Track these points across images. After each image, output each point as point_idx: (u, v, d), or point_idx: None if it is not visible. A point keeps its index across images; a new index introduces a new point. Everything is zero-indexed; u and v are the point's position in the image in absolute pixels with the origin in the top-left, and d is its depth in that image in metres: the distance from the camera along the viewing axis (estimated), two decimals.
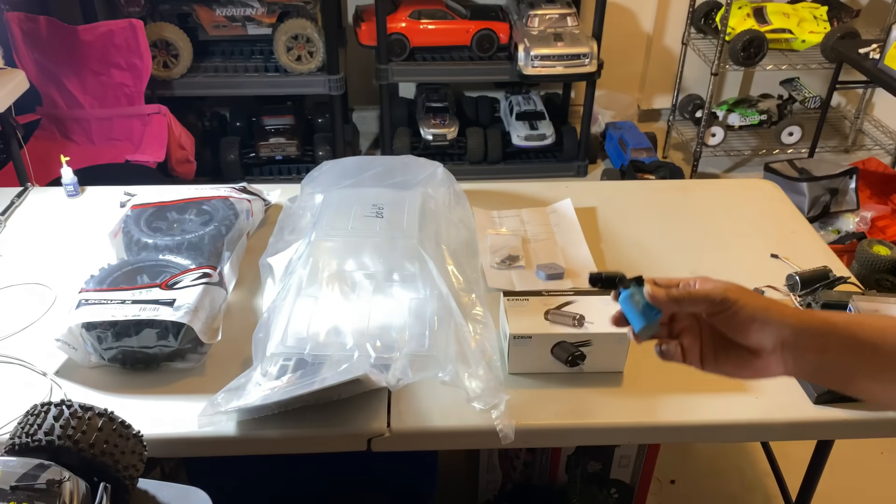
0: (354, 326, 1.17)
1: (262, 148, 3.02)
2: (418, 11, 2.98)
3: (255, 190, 1.61)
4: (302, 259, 1.25)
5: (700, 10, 3.28)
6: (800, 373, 0.73)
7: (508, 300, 1.20)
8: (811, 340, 0.69)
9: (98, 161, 2.51)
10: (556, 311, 1.18)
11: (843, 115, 3.74)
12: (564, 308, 1.19)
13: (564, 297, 1.21)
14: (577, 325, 1.16)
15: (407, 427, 1.10)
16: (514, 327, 1.15)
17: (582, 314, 1.17)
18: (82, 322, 1.13)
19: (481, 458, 1.58)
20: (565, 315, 1.17)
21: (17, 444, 0.84)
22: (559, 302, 1.20)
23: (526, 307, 1.19)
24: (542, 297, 1.21)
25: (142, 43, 2.56)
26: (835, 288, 1.34)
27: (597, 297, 1.19)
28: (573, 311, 1.18)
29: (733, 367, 0.75)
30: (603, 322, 1.16)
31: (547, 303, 1.19)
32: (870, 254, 2.31)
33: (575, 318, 1.16)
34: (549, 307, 1.18)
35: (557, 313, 1.18)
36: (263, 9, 2.83)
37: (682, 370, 1.18)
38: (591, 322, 1.16)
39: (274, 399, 1.05)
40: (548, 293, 1.22)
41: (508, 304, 1.19)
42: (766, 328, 0.70)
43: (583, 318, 1.16)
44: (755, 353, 0.72)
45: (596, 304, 1.19)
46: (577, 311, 1.18)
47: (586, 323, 1.16)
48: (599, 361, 1.16)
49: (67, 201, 1.65)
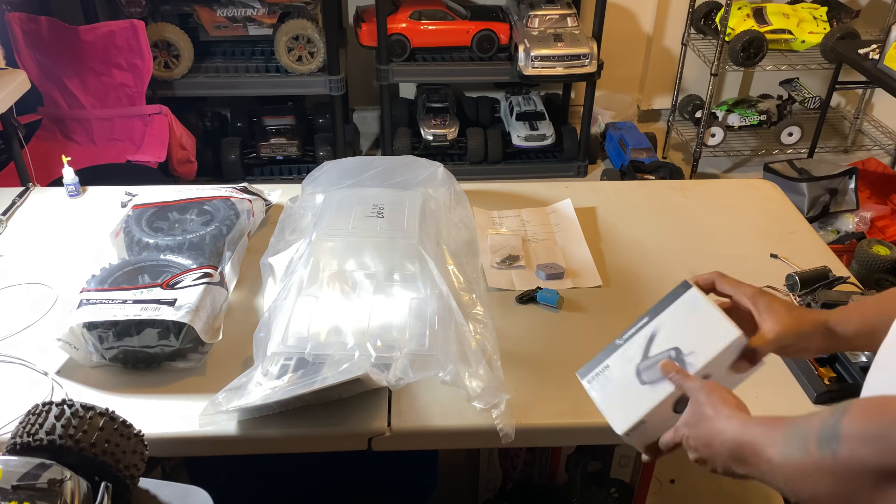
0: (355, 326, 1.17)
1: (262, 148, 3.02)
2: (419, 12, 2.98)
3: (256, 190, 1.61)
4: (303, 259, 1.26)
5: (700, 11, 3.28)
6: (826, 350, 0.94)
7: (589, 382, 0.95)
8: (849, 341, 0.89)
9: (99, 161, 2.52)
10: (648, 364, 0.90)
11: (843, 115, 3.74)
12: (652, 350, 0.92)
13: (641, 331, 0.94)
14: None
15: (407, 426, 1.10)
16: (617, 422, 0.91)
17: (675, 346, 0.90)
18: (84, 322, 1.13)
19: (481, 458, 1.59)
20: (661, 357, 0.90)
21: (19, 443, 0.85)
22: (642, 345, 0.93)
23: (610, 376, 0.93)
24: (618, 352, 0.94)
25: (143, 43, 2.57)
26: (834, 288, 1.34)
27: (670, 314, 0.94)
28: (664, 348, 0.91)
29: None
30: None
31: (629, 357, 0.92)
32: (869, 254, 2.32)
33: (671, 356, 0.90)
34: (636, 362, 0.92)
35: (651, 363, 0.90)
36: (264, 9, 2.83)
37: None
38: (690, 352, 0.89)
39: (275, 398, 1.05)
40: (622, 342, 0.95)
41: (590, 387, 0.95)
42: (815, 347, 0.90)
43: (679, 351, 0.89)
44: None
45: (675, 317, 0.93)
46: (667, 345, 0.91)
47: (685, 356, 0.89)
48: (706, 342, 0.89)
49: (69, 201, 1.65)
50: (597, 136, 3.47)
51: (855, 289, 1.36)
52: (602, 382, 0.93)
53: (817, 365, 1.19)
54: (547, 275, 1.41)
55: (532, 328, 1.30)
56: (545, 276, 1.41)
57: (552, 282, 1.40)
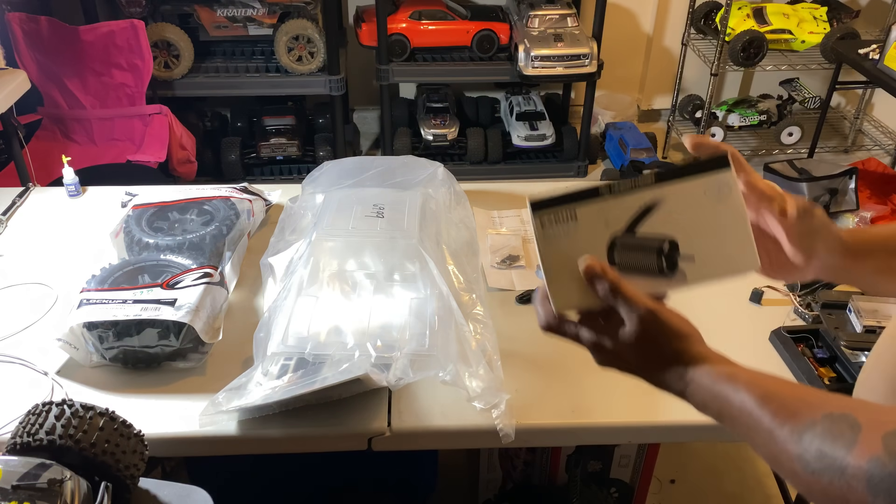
0: (355, 326, 1.17)
1: (262, 148, 3.03)
2: (419, 12, 2.98)
3: (256, 190, 1.61)
4: (303, 259, 1.26)
5: (700, 11, 3.28)
6: (825, 278, 0.82)
7: (541, 218, 0.71)
8: (852, 261, 0.76)
9: (99, 161, 2.52)
10: (628, 242, 0.70)
11: (843, 115, 3.74)
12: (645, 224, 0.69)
13: (638, 192, 0.69)
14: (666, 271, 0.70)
15: (407, 426, 1.10)
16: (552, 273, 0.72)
17: (672, 237, 0.70)
18: (84, 322, 1.13)
19: (481, 458, 1.59)
20: (646, 245, 0.70)
21: (19, 443, 0.85)
22: (630, 212, 0.69)
23: (574, 230, 0.70)
24: (597, 201, 0.69)
25: (143, 43, 2.57)
26: (834, 288, 1.34)
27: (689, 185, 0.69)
28: (658, 234, 0.69)
29: (768, 272, 0.77)
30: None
31: (609, 218, 0.69)
32: None
33: (661, 250, 0.70)
34: (614, 229, 0.69)
35: (633, 244, 0.70)
36: (264, 9, 2.83)
37: None
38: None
39: (275, 398, 1.05)
40: (611, 193, 0.69)
41: (543, 233, 0.71)
42: (824, 252, 0.74)
43: (674, 248, 0.70)
44: (796, 266, 0.75)
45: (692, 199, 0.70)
46: (664, 229, 0.69)
47: (679, 258, 0.70)
48: (714, 255, 0.70)
49: (69, 201, 1.65)
50: (597, 136, 3.47)
51: (855, 289, 1.36)
52: (558, 230, 0.69)
53: (817, 365, 1.19)
54: None
55: (532, 328, 1.29)
56: None
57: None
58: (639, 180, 0.68)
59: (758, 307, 1.36)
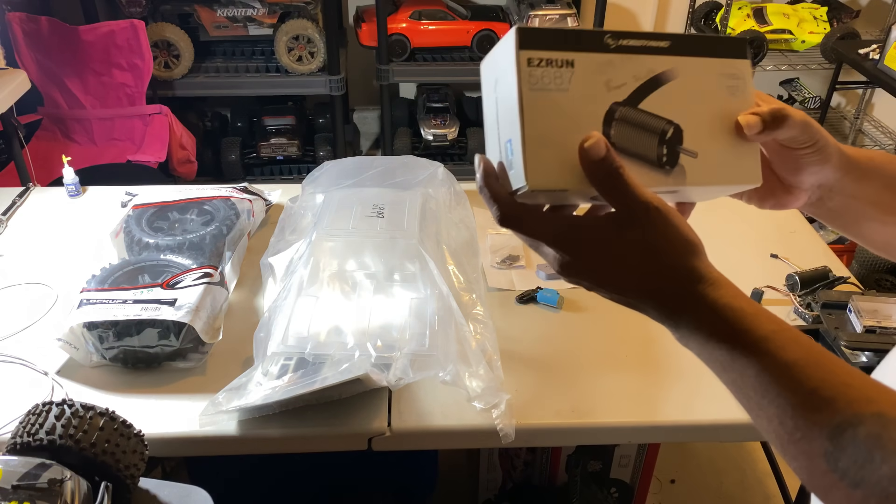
0: (355, 326, 1.17)
1: (263, 148, 3.02)
2: (419, 12, 2.98)
3: (257, 190, 1.61)
4: (303, 259, 1.26)
5: (700, 11, 3.28)
6: (813, 212, 0.69)
7: (529, 58, 0.53)
8: (850, 184, 0.66)
9: (99, 161, 2.52)
10: (629, 116, 0.57)
11: (843, 115, 3.74)
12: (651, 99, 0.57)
13: (649, 56, 0.57)
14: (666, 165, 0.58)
15: (407, 426, 1.10)
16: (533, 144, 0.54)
17: (675, 122, 0.58)
18: (84, 322, 1.13)
19: (482, 458, 1.59)
20: (649, 125, 0.57)
21: (19, 443, 0.85)
22: (637, 79, 0.57)
23: (568, 84, 0.55)
24: (600, 53, 0.56)
25: (143, 43, 2.57)
26: (834, 288, 1.34)
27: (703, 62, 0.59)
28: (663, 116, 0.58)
29: (756, 196, 0.69)
30: None
31: (612, 79, 0.56)
32: (869, 254, 2.32)
33: (664, 135, 0.58)
34: (615, 95, 0.56)
35: (634, 120, 0.57)
36: (264, 9, 2.83)
37: (685, 365, 1.19)
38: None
39: (275, 398, 1.05)
40: (618, 46, 0.56)
41: (529, 79, 0.53)
42: (821, 170, 0.64)
43: (678, 136, 0.58)
44: (786, 188, 0.67)
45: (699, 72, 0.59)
46: (670, 110, 0.58)
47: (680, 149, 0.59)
48: (717, 158, 0.60)
49: (69, 201, 1.66)
50: None
51: (855, 289, 1.36)
52: (548, 78, 0.53)
53: None
54: (547, 275, 1.41)
55: (532, 328, 1.30)
56: (545, 276, 1.41)
57: (552, 282, 1.40)
58: (651, 39, 0.57)
59: None
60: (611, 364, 1.22)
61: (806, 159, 0.63)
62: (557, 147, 0.53)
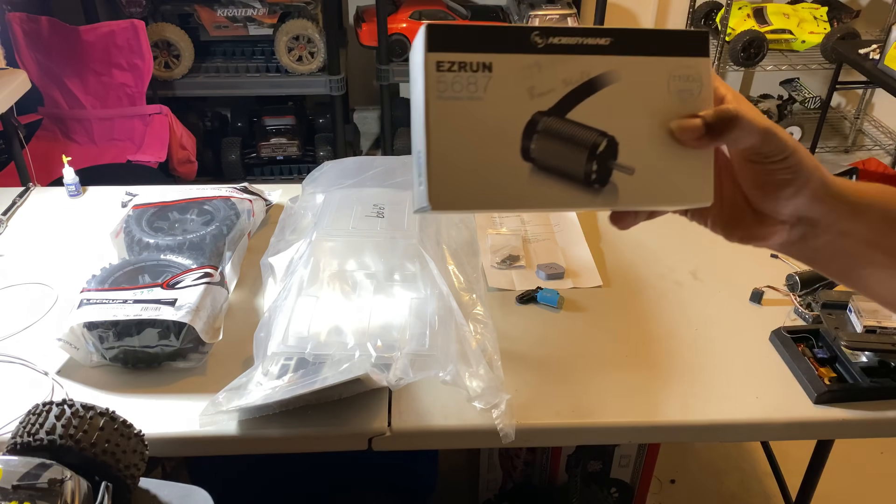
0: (355, 326, 1.17)
1: (263, 148, 3.03)
2: (419, 12, 2.98)
3: (257, 190, 1.61)
4: (303, 259, 1.26)
5: (700, 11, 3.28)
6: (799, 254, 0.59)
7: (439, 61, 0.47)
8: (840, 219, 0.55)
9: (100, 161, 2.52)
10: (554, 128, 0.49)
11: (843, 115, 3.74)
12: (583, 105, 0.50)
13: (583, 57, 0.49)
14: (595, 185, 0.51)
15: (408, 426, 1.10)
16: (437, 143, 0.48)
17: (610, 134, 0.50)
18: (84, 322, 1.13)
19: (482, 458, 1.59)
20: (577, 137, 0.50)
21: (19, 443, 0.85)
22: (567, 84, 0.49)
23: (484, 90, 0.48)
24: (524, 53, 0.48)
25: (143, 43, 2.57)
26: (835, 288, 1.34)
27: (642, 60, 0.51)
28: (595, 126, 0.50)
29: (721, 223, 0.59)
30: None
31: (537, 85, 0.48)
32: None
33: (594, 149, 0.50)
34: (539, 103, 0.49)
35: (559, 132, 0.49)
36: (264, 9, 2.84)
37: (685, 365, 1.19)
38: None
39: (275, 398, 1.05)
40: (546, 45, 0.48)
41: (437, 85, 0.47)
42: (798, 197, 0.54)
43: (612, 149, 0.50)
44: (759, 217, 0.56)
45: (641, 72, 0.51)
46: (605, 120, 0.50)
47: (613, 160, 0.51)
48: (658, 173, 0.52)
49: (69, 201, 1.66)
50: None
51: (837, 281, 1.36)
52: (460, 84, 0.47)
53: (818, 365, 1.19)
54: (547, 275, 1.41)
55: (532, 328, 1.30)
56: (545, 276, 1.41)
57: (552, 282, 1.40)
58: (590, 36, 0.49)
59: (758, 307, 1.36)
60: (611, 364, 1.22)
61: (775, 178, 0.53)
62: (467, 164, 0.47)
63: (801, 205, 0.54)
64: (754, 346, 1.26)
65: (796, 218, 0.55)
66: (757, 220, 0.56)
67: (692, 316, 1.30)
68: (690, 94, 0.51)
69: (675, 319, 1.30)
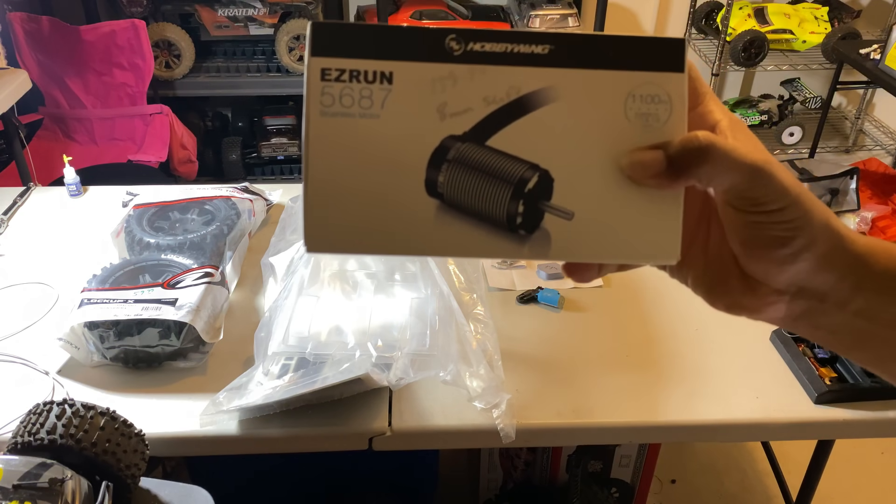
0: (356, 326, 1.17)
1: (263, 148, 3.03)
2: (420, 12, 2.98)
3: (257, 190, 1.61)
4: (304, 258, 1.26)
5: (701, 11, 3.28)
6: (808, 334, 0.44)
7: (324, 69, 0.38)
8: (860, 295, 0.40)
9: (100, 161, 2.52)
10: (471, 156, 0.39)
11: (844, 115, 3.74)
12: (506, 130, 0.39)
13: (515, 69, 0.38)
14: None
15: (408, 426, 1.10)
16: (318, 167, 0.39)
17: (546, 168, 0.39)
18: (85, 321, 1.13)
19: (482, 458, 1.59)
20: (499, 169, 0.39)
21: (20, 442, 0.85)
22: (490, 103, 0.38)
23: (380, 108, 0.38)
24: (435, 63, 0.39)
25: (144, 43, 2.57)
26: None
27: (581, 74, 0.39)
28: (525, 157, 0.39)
29: (704, 285, 0.46)
30: None
31: (451, 101, 0.38)
32: None
33: (521, 185, 0.39)
34: (453, 125, 0.38)
35: (477, 162, 0.39)
36: (265, 9, 2.84)
37: (685, 365, 1.19)
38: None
39: (275, 398, 1.05)
40: (465, 54, 0.38)
41: (321, 98, 0.38)
42: (799, 262, 0.39)
43: (545, 185, 0.39)
44: (749, 283, 0.42)
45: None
46: (537, 149, 0.39)
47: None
48: (607, 221, 0.40)
49: (70, 201, 1.66)
50: None
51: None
52: (352, 98, 0.38)
53: (818, 365, 1.19)
54: (548, 274, 1.41)
55: (533, 328, 1.30)
56: (546, 276, 1.41)
57: (553, 281, 1.40)
58: (523, 43, 0.38)
59: None
60: (611, 364, 1.22)
61: (765, 234, 0.39)
62: (354, 198, 0.38)
63: (803, 272, 0.40)
64: (755, 345, 1.26)
65: (797, 288, 0.41)
66: (747, 287, 0.42)
67: (692, 316, 1.30)
68: (656, 119, 0.39)
69: (676, 319, 1.30)
